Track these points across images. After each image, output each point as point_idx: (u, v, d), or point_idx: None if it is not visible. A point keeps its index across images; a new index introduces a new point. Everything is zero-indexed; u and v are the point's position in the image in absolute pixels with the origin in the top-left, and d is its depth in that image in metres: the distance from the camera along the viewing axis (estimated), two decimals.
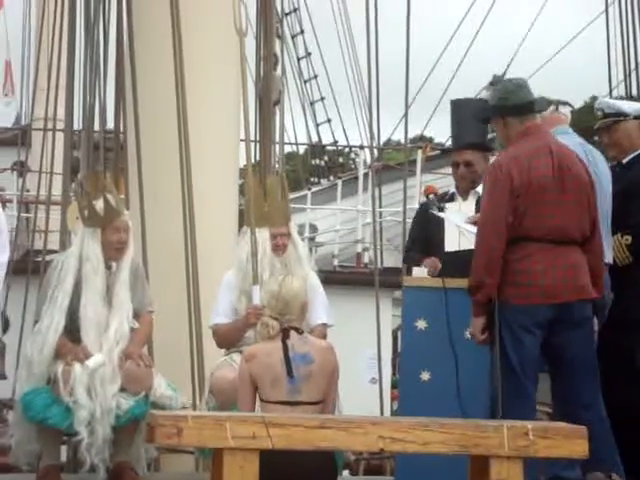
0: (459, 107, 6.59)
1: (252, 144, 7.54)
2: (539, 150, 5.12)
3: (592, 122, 6.24)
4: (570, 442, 4.09)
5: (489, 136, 7.48)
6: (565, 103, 5.88)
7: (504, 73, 15.42)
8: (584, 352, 5.12)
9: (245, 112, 6.61)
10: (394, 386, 10.46)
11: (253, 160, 8.32)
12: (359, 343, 10.07)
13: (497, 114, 5.29)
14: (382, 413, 8.20)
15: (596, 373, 5.14)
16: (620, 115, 5.97)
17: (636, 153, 5.92)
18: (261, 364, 5.22)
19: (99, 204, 6.05)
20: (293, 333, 5.28)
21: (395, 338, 11.27)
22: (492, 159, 6.76)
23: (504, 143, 5.34)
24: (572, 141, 5.63)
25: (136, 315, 6.12)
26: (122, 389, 5.88)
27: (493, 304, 5.02)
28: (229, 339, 6.33)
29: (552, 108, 5.77)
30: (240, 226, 7.10)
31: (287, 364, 5.14)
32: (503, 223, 5.00)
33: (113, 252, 6.04)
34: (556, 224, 5.05)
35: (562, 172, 5.10)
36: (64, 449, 6.36)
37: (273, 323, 5.30)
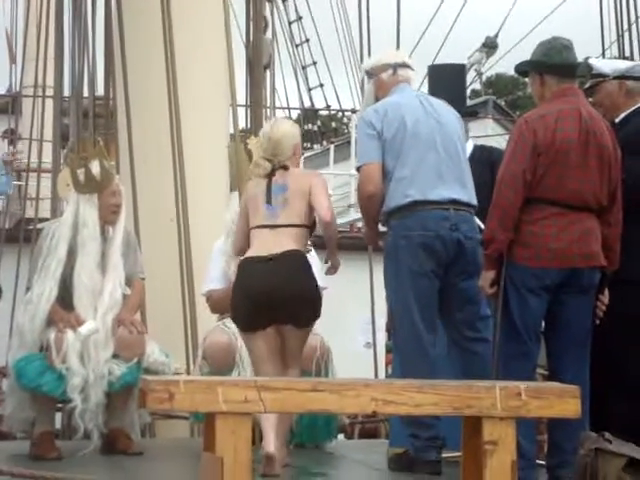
0: (436, 72, 6.55)
1: (242, 109, 7.53)
2: (568, 112, 5.08)
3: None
4: (562, 402, 4.07)
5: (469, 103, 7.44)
6: (405, 65, 5.77)
7: (496, 34, 15.34)
8: (581, 317, 5.10)
9: (231, 75, 6.60)
10: (388, 351, 10.48)
11: (245, 125, 8.30)
12: (353, 308, 10.09)
13: (535, 70, 5.21)
14: (376, 377, 8.22)
15: (587, 339, 5.14)
16: (600, 76, 5.96)
17: (628, 112, 5.90)
18: (250, 194, 5.42)
19: (95, 168, 6.02)
20: (279, 170, 5.38)
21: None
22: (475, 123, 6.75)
23: (537, 100, 5.26)
24: (408, 94, 5.56)
25: (128, 282, 6.12)
26: (115, 355, 5.89)
27: (503, 260, 5.02)
28: (222, 305, 6.32)
29: (390, 72, 5.67)
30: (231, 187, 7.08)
31: (267, 192, 5.31)
32: (521, 179, 4.96)
33: (110, 216, 6.03)
34: (574, 188, 5.01)
35: (588, 137, 5.06)
36: (58, 416, 6.37)
37: (265, 163, 5.41)
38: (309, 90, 18.45)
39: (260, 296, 5.22)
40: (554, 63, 5.17)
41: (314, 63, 18.27)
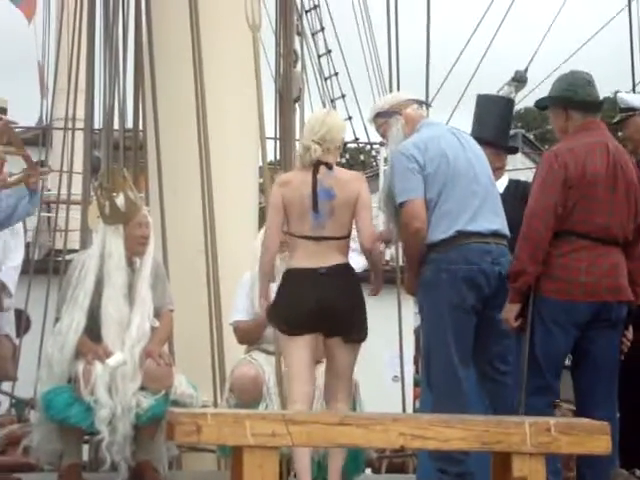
0: (481, 102, 6.53)
1: (272, 142, 7.54)
2: (596, 145, 5.07)
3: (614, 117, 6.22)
4: (592, 438, 4.04)
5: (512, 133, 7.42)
6: (425, 103, 5.79)
7: (526, 68, 15.34)
8: (609, 352, 5.09)
9: (259, 109, 6.61)
10: (416, 384, 10.42)
11: (274, 158, 8.32)
12: (381, 341, 10.04)
13: (559, 105, 5.21)
14: (404, 410, 8.17)
15: (615, 374, 5.10)
16: (630, 110, 5.94)
17: None
18: (293, 192, 5.34)
19: (120, 200, 6.05)
20: (323, 168, 5.33)
21: (417, 336, 11.24)
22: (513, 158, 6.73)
23: (558, 134, 5.27)
24: (441, 128, 5.56)
25: (156, 313, 6.12)
26: (142, 388, 5.88)
27: (529, 293, 4.98)
28: (249, 336, 6.33)
29: (415, 106, 5.65)
30: (260, 223, 7.09)
31: (314, 199, 5.26)
32: (552, 213, 4.95)
33: (137, 247, 6.04)
34: (603, 222, 5.00)
35: (616, 171, 5.05)
36: (85, 448, 6.37)
37: (315, 146, 5.36)
38: None
39: (309, 307, 5.24)
40: (580, 99, 5.16)
41: (343, 96, 18.30)
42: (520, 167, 15.15)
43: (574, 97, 5.16)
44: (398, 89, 8.32)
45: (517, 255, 5.01)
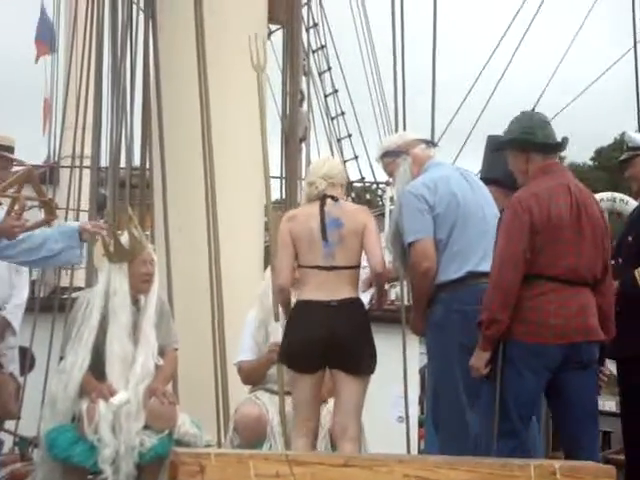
0: (491, 143, 6.55)
1: (277, 181, 7.56)
2: (559, 188, 5.07)
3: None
4: None
5: None
6: (432, 143, 5.81)
7: (533, 108, 15.39)
8: (586, 394, 5.05)
9: (264, 148, 6.63)
10: (421, 425, 10.37)
11: (279, 197, 8.34)
12: (386, 381, 9.99)
13: (518, 147, 5.20)
14: (409, 451, 8.12)
15: (596, 415, 5.08)
16: (637, 149, 5.93)
17: None
18: (301, 225, 5.42)
19: (124, 238, 6.06)
20: (329, 200, 5.42)
21: (422, 376, 11.19)
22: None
23: (519, 176, 5.23)
24: (449, 168, 5.59)
25: (161, 352, 6.11)
26: (146, 426, 5.86)
27: (499, 339, 4.97)
28: (254, 376, 6.32)
29: (423, 146, 5.66)
30: (266, 262, 7.10)
31: (322, 229, 5.33)
32: (522, 259, 4.93)
33: (141, 285, 6.04)
34: (571, 264, 4.98)
35: (579, 212, 5.05)
36: None
37: (320, 181, 5.48)
38: (344, 162, 18.54)
39: (319, 342, 5.26)
40: (540, 141, 5.15)
41: (349, 135, 18.37)
42: None
43: (534, 139, 5.14)
44: (404, 128, 8.35)
45: (487, 304, 4.97)
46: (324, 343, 5.25)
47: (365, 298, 5.78)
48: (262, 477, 3.83)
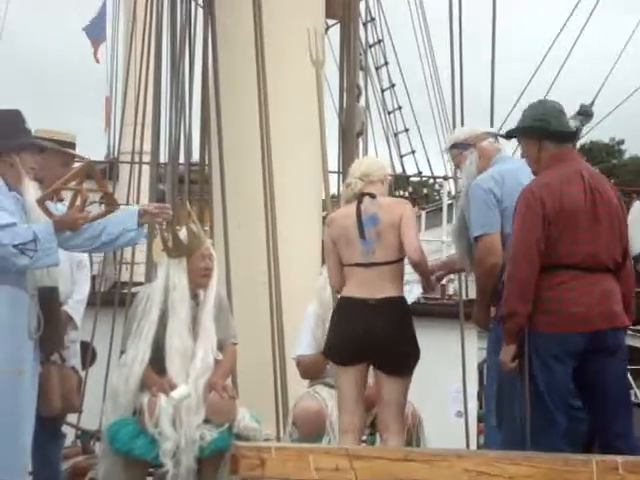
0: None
1: (335, 176, 7.57)
2: (571, 176, 5.04)
3: None
4: None
5: None
6: (501, 136, 5.74)
7: (592, 102, 15.27)
8: (616, 380, 5.02)
9: (322, 144, 6.65)
10: (480, 420, 10.32)
11: (336, 192, 8.34)
12: (445, 376, 9.98)
13: (532, 135, 5.16)
14: (468, 446, 8.10)
15: (629, 401, 5.04)
16: None
17: None
18: (338, 227, 5.51)
19: (183, 233, 6.11)
20: (366, 198, 5.48)
21: (481, 371, 11.14)
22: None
23: (532, 164, 5.20)
24: (517, 162, 5.52)
25: (220, 346, 6.14)
26: (206, 420, 5.90)
27: (524, 332, 4.94)
28: (312, 370, 6.33)
29: (491, 140, 5.65)
30: (324, 257, 7.10)
31: (359, 226, 5.38)
32: (535, 250, 4.91)
33: (200, 279, 6.08)
34: (589, 251, 4.95)
35: (594, 198, 5.01)
36: None
37: (356, 181, 5.55)
38: (401, 157, 18.50)
39: (356, 339, 5.32)
40: (554, 129, 5.11)
41: (406, 130, 18.33)
42: None
43: (548, 127, 5.11)
44: (462, 123, 8.32)
45: (506, 297, 4.96)
46: (361, 340, 5.32)
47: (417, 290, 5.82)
48: (322, 471, 3.84)
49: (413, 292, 5.66)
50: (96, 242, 5.50)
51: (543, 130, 5.11)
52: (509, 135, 5.40)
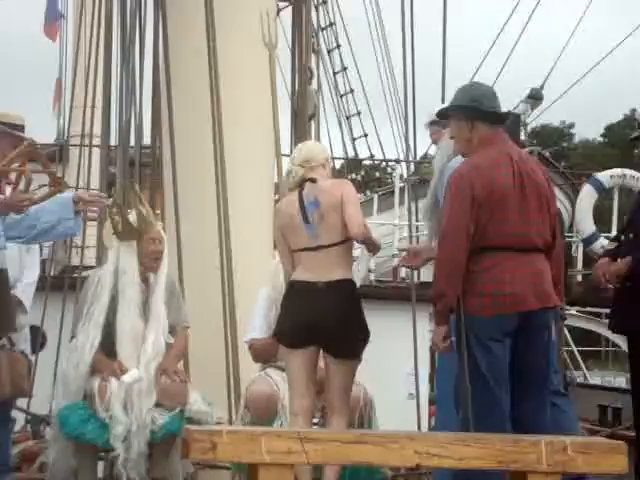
0: None
1: (286, 159, 7.54)
2: (500, 158, 5.08)
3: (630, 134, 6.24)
4: (609, 457, 4.02)
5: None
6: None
7: (542, 85, 15.30)
8: (537, 358, 5.07)
9: (275, 126, 6.63)
10: (432, 402, 10.38)
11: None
12: (397, 358, 10.02)
13: (464, 116, 5.17)
14: (419, 428, 8.14)
15: (546, 379, 5.10)
16: None
17: None
18: (283, 215, 5.56)
19: (132, 216, 6.07)
20: (308, 183, 5.52)
21: (433, 354, 11.20)
22: None
23: (462, 146, 5.22)
24: None
25: (172, 330, 6.13)
26: (157, 404, 5.88)
27: (455, 313, 5.00)
28: (264, 354, 6.32)
29: None
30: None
31: (302, 212, 5.44)
32: (464, 233, 4.95)
33: (150, 262, 6.06)
34: (519, 232, 5.01)
35: (522, 180, 5.06)
36: (101, 464, 6.36)
37: (296, 169, 5.58)
38: (353, 140, 18.53)
39: (308, 323, 5.36)
40: (490, 110, 5.14)
41: (358, 113, 18.36)
42: None
43: (480, 107, 5.14)
44: (414, 106, 8.33)
45: (435, 279, 5.03)
46: (310, 323, 5.36)
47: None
48: (274, 454, 3.84)
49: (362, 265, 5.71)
50: (31, 232, 5.42)
51: (476, 110, 5.13)
52: (441, 114, 5.43)
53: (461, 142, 5.20)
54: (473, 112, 5.14)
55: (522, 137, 16.43)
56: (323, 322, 5.34)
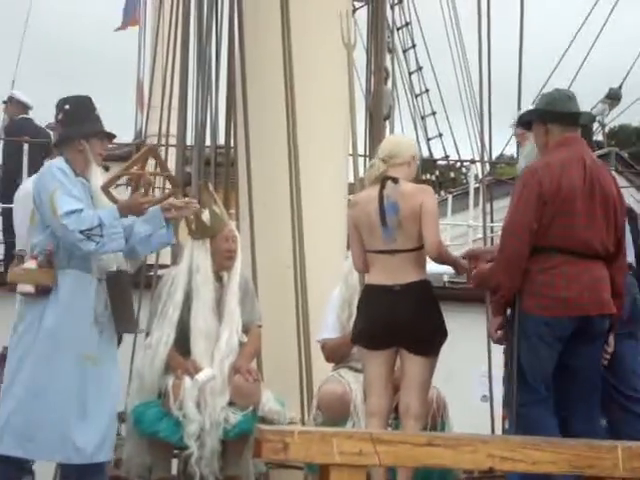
0: None
1: (362, 159, 7.54)
2: (572, 160, 5.05)
3: None
4: None
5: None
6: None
7: (620, 86, 15.10)
8: (591, 365, 5.06)
9: (352, 126, 6.62)
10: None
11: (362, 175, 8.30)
12: (470, 360, 9.95)
13: (540, 120, 5.20)
14: (493, 431, 8.07)
15: (597, 387, 5.07)
16: None
17: None
18: (361, 211, 5.48)
19: (206, 215, 6.11)
20: (389, 183, 5.40)
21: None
22: None
23: (540, 150, 5.26)
24: None
25: (245, 329, 6.16)
26: (231, 403, 5.91)
27: (511, 306, 4.99)
28: (337, 354, 6.33)
29: None
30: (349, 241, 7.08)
31: (381, 213, 5.34)
32: (527, 228, 4.94)
33: (223, 261, 6.09)
34: (583, 237, 4.98)
35: (593, 185, 5.02)
36: (174, 462, 6.41)
37: (379, 164, 5.49)
38: (428, 140, 18.44)
39: (383, 325, 5.36)
40: (561, 112, 5.13)
41: (433, 113, 18.27)
42: None
43: (553, 110, 5.15)
44: (489, 105, 8.26)
45: (494, 270, 5.04)
46: (388, 325, 5.35)
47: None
48: (345, 455, 3.83)
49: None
50: (128, 242, 5.50)
51: (548, 113, 5.15)
52: (520, 123, 5.46)
53: (539, 146, 5.21)
54: (546, 115, 5.15)
55: (600, 138, 16.28)
56: (402, 321, 5.33)
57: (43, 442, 5.27)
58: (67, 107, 5.60)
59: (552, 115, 5.13)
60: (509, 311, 5.11)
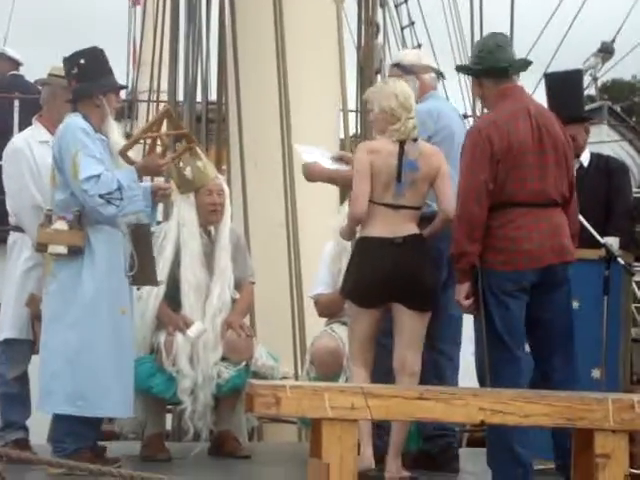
0: (553, 81, 6.43)
1: (352, 114, 7.52)
2: (517, 113, 5.00)
3: None
4: None
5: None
6: (442, 75, 6.02)
7: (613, 39, 15.00)
8: (561, 313, 5.03)
9: (342, 80, 6.59)
10: None
11: (355, 130, 8.29)
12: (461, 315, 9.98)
13: (472, 74, 5.20)
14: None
15: (572, 335, 5.05)
16: None
17: None
18: (383, 160, 5.35)
19: (188, 170, 6.07)
20: (409, 141, 5.37)
21: None
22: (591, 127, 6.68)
23: (482, 102, 5.28)
24: (447, 103, 5.84)
25: (237, 285, 6.15)
26: (223, 358, 5.93)
27: (476, 271, 4.95)
28: (330, 309, 6.33)
29: (434, 75, 5.80)
30: (342, 197, 7.08)
31: (399, 168, 5.31)
32: (484, 189, 4.90)
33: (209, 215, 6.06)
34: (537, 187, 4.95)
35: (541, 133, 4.99)
36: (168, 417, 6.44)
37: (407, 120, 5.35)
38: None
39: (384, 278, 5.30)
40: (488, 67, 5.06)
41: None
42: (606, 140, 14.90)
43: (480, 66, 5.08)
44: None
45: (455, 237, 4.97)
46: (389, 279, 5.30)
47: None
48: (337, 409, 3.85)
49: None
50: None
51: (475, 69, 5.12)
52: (462, 70, 5.52)
53: (479, 97, 5.26)
54: (475, 71, 5.13)
55: (592, 92, 16.23)
56: (404, 274, 5.29)
57: (91, 398, 5.33)
58: (82, 61, 5.52)
59: (480, 71, 5.08)
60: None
